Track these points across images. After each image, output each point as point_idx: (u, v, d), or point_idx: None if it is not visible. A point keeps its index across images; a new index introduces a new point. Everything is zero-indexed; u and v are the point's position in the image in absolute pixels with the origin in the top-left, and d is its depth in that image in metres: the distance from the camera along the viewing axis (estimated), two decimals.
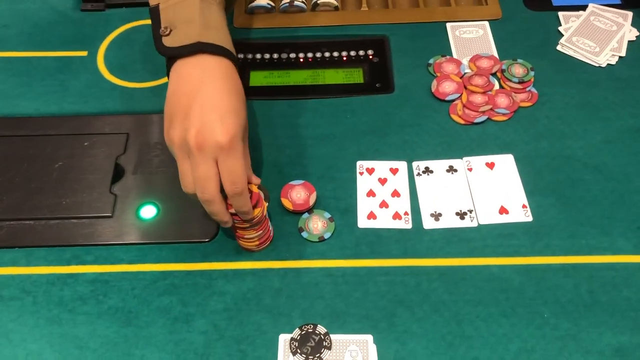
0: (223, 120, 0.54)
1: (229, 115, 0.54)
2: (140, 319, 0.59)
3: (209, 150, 0.53)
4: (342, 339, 0.57)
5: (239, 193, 0.55)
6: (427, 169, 0.69)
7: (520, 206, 0.66)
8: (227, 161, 0.54)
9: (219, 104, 0.55)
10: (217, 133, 0.53)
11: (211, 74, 0.56)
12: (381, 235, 0.65)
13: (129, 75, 0.79)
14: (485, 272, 0.62)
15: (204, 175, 0.54)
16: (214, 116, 0.54)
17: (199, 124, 0.53)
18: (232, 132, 0.54)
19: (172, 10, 0.60)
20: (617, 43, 0.81)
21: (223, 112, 0.54)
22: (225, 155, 0.54)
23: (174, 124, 0.55)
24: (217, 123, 0.53)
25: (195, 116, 0.54)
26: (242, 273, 0.62)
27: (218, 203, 0.56)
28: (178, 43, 0.58)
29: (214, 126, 0.53)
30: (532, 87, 0.76)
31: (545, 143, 0.71)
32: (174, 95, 0.56)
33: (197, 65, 0.57)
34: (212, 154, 0.54)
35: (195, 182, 0.55)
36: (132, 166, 0.70)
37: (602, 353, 0.56)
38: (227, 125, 0.54)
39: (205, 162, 0.54)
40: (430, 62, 0.79)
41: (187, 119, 0.54)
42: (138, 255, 0.64)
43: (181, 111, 0.55)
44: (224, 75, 0.57)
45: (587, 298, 0.60)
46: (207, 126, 0.53)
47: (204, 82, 0.56)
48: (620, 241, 0.63)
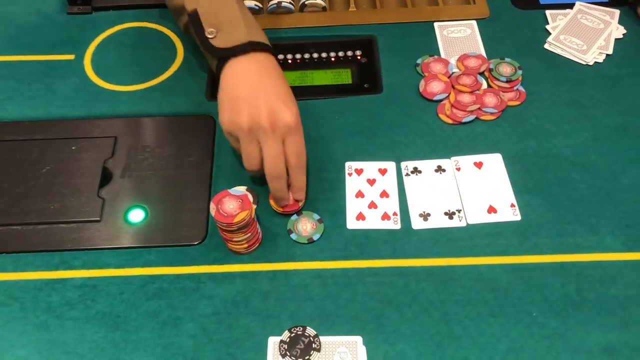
0: (287, 104, 0.62)
1: (289, 100, 0.63)
2: (129, 324, 0.59)
3: (280, 130, 0.61)
4: (332, 341, 0.57)
5: (302, 166, 0.64)
6: (415, 169, 0.69)
7: (509, 205, 0.66)
8: (295, 139, 0.62)
9: (280, 92, 0.62)
10: (286, 115, 0.61)
11: (267, 68, 0.64)
12: (370, 236, 0.65)
13: (116, 79, 0.79)
14: (473, 272, 0.62)
15: (275, 153, 0.61)
16: (279, 102, 0.61)
17: (269, 108, 0.61)
18: (296, 114, 0.62)
19: (213, 13, 0.66)
20: (604, 41, 0.81)
21: (285, 98, 0.62)
22: (293, 134, 0.62)
23: (239, 111, 0.61)
24: (284, 107, 0.61)
25: (263, 104, 0.61)
26: (231, 276, 0.62)
27: (285, 179, 0.63)
28: (230, 43, 0.64)
29: (282, 109, 0.61)
30: (519, 86, 0.76)
31: (533, 142, 0.71)
32: (235, 87, 0.62)
33: (252, 61, 0.64)
34: (282, 134, 0.61)
35: (269, 160, 0.62)
36: (120, 170, 0.70)
37: (590, 351, 0.56)
38: (291, 108, 0.62)
39: (276, 142, 0.61)
40: (418, 62, 0.79)
41: (255, 106, 0.61)
42: (126, 260, 0.63)
43: (246, 100, 0.61)
44: (274, 68, 0.65)
45: (575, 296, 0.60)
46: (276, 110, 0.61)
47: (262, 75, 0.63)
48: (608, 239, 0.64)
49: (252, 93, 0.61)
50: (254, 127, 0.61)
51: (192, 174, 0.69)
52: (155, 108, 0.76)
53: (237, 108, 0.61)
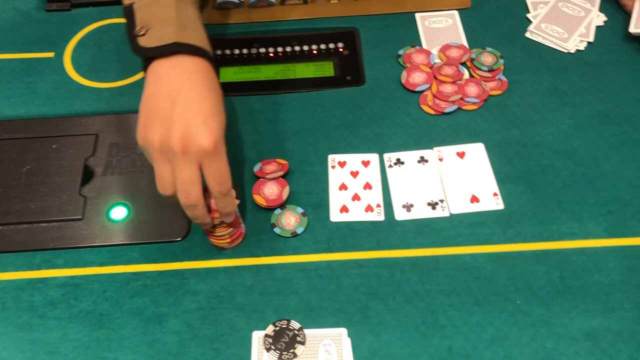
0: (206, 123, 0.53)
1: (211, 118, 0.54)
2: (113, 322, 0.59)
3: (193, 154, 0.53)
4: (316, 334, 0.57)
5: (225, 194, 0.56)
6: (398, 161, 0.69)
7: (492, 194, 0.66)
8: (212, 164, 0.54)
9: (200, 107, 0.54)
10: (202, 137, 0.52)
11: (189, 76, 0.55)
12: (354, 228, 0.65)
13: (96, 76, 0.78)
14: (457, 262, 0.62)
15: (188, 179, 0.54)
16: (197, 120, 0.53)
17: (182, 128, 0.52)
18: (216, 135, 0.53)
19: (148, 9, 0.59)
20: (585, 29, 0.81)
21: (205, 115, 0.54)
22: (211, 159, 0.54)
23: (152, 126, 0.54)
24: (201, 127, 0.53)
25: (178, 120, 0.53)
26: (215, 271, 0.62)
27: (202, 207, 0.56)
28: (154, 43, 0.56)
29: (198, 130, 0.53)
30: (501, 75, 0.76)
31: (516, 131, 0.72)
32: (152, 97, 0.55)
33: (175, 66, 0.56)
34: (196, 158, 0.53)
35: (179, 186, 0.54)
36: (102, 167, 0.69)
37: (574, 338, 0.57)
38: (210, 129, 0.53)
39: (189, 167, 0.53)
40: (400, 53, 0.79)
41: (169, 122, 0.53)
42: (109, 257, 0.63)
43: (160, 114, 0.54)
44: (203, 77, 0.56)
45: (558, 284, 0.60)
46: (192, 130, 0.53)
47: (183, 85, 0.55)
48: (591, 226, 0.64)
49: (167, 106, 0.53)
50: (165, 148, 0.53)
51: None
52: (137, 104, 0.74)
53: (150, 121, 0.54)
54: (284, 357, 0.55)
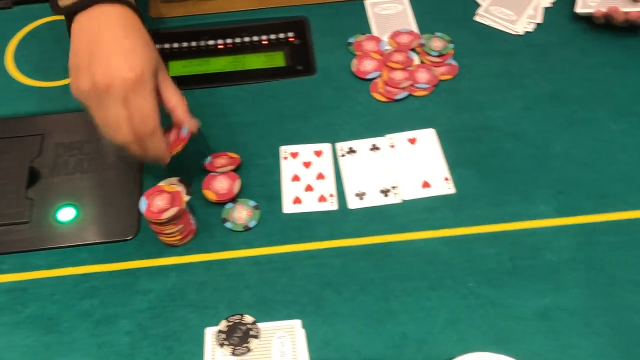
0: (127, 58, 0.54)
1: (132, 53, 0.54)
2: (62, 325, 0.57)
3: (117, 89, 0.53)
4: (270, 327, 0.57)
5: (150, 133, 0.55)
6: (350, 149, 0.69)
7: (443, 179, 0.66)
8: (136, 99, 0.54)
9: (120, 45, 0.55)
10: (123, 69, 0.53)
11: (108, 21, 0.56)
12: (307, 219, 0.64)
13: (41, 75, 0.76)
14: (411, 247, 0.62)
15: (114, 118, 0.54)
16: (117, 55, 0.54)
17: (103, 66, 0.53)
18: (137, 69, 0.54)
19: None
20: (534, 10, 0.81)
21: (126, 51, 0.54)
22: (134, 93, 0.53)
23: (79, 74, 0.54)
24: (121, 61, 0.53)
25: (99, 60, 0.54)
26: (166, 269, 0.61)
27: (135, 146, 0.56)
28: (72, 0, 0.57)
29: (118, 64, 0.53)
30: (451, 60, 0.76)
31: (466, 115, 0.72)
32: (75, 50, 0.56)
33: (94, 16, 0.56)
34: (121, 93, 0.53)
35: (108, 127, 0.55)
36: (48, 168, 0.68)
37: (525, 317, 0.57)
38: (130, 62, 0.54)
39: (115, 104, 0.53)
40: (350, 41, 0.79)
41: (91, 64, 0.54)
42: (57, 260, 0.62)
43: (84, 60, 0.54)
44: (122, 22, 0.57)
45: (509, 265, 0.60)
46: (112, 65, 0.53)
47: (100, 29, 0.55)
48: (541, 206, 0.64)
49: (89, 51, 0.54)
50: (92, 91, 0.53)
51: (123, 168, 0.68)
52: None
53: (77, 71, 0.55)
54: (237, 352, 0.55)
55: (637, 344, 0.55)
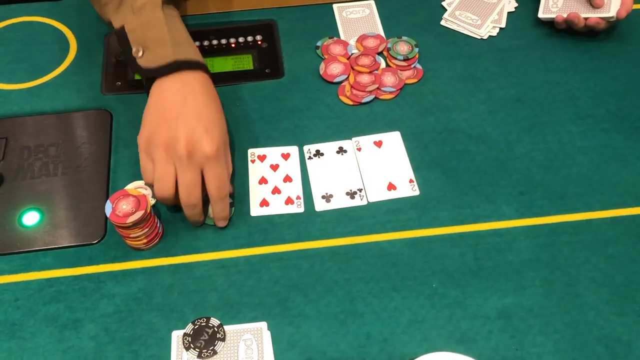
0: (208, 131, 0.59)
1: (212, 127, 0.60)
2: (25, 330, 0.57)
3: (196, 159, 0.59)
4: (237, 329, 0.57)
5: (223, 198, 0.61)
6: (317, 152, 0.70)
7: (408, 181, 0.67)
8: (213, 169, 0.59)
9: (202, 117, 0.60)
10: (205, 144, 0.58)
11: (192, 89, 0.61)
12: (274, 221, 0.65)
13: (4, 77, 0.75)
14: (376, 249, 0.63)
15: (190, 182, 0.59)
16: (200, 128, 0.59)
17: (187, 135, 0.58)
18: (217, 143, 0.59)
19: (140, 31, 0.63)
20: (498, 15, 0.83)
21: (207, 124, 0.60)
22: (212, 164, 0.59)
23: (159, 129, 0.59)
24: (204, 135, 0.59)
25: (183, 127, 0.59)
26: (132, 273, 0.61)
27: (200, 207, 0.61)
28: (155, 64, 0.62)
29: (202, 138, 0.59)
30: (417, 64, 0.77)
31: (431, 118, 0.73)
32: (158, 105, 0.61)
33: (177, 80, 0.62)
34: (199, 163, 0.59)
35: (183, 187, 0.59)
36: (13, 172, 0.67)
37: (487, 317, 0.59)
38: (212, 137, 0.59)
39: (192, 170, 0.59)
40: (318, 45, 0.79)
41: (175, 128, 0.59)
42: (21, 265, 0.61)
43: (167, 119, 0.59)
44: (203, 89, 0.62)
45: (472, 265, 0.62)
46: (195, 137, 0.58)
47: (186, 97, 0.61)
48: (504, 207, 0.66)
49: (174, 116, 0.59)
50: (170, 152, 0.59)
51: (89, 171, 0.67)
52: (47, 105, 0.73)
53: (157, 126, 0.60)
54: (204, 355, 0.55)
55: (594, 342, 0.57)
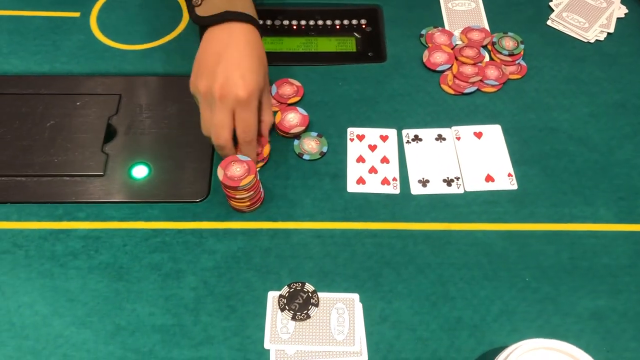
0: (244, 77, 0.61)
1: (249, 74, 0.62)
2: (132, 275, 0.60)
3: (228, 102, 0.61)
4: (329, 297, 0.59)
5: (249, 142, 0.64)
6: (416, 137, 0.71)
7: (506, 175, 0.67)
8: (242, 113, 0.62)
9: (241, 64, 0.62)
10: (238, 88, 0.61)
11: (236, 38, 0.64)
12: (370, 199, 0.66)
13: (121, 37, 0.79)
14: (469, 237, 0.63)
15: (220, 123, 0.62)
16: (236, 74, 0.61)
17: (223, 79, 0.61)
18: (250, 89, 0.61)
19: None
20: (606, 20, 0.82)
21: (244, 71, 0.62)
22: (242, 108, 0.62)
23: (201, 76, 0.63)
24: (239, 79, 0.61)
25: (221, 72, 0.61)
26: (233, 232, 0.63)
27: (229, 149, 0.64)
28: (209, 12, 0.65)
29: (235, 82, 0.61)
30: (521, 60, 0.77)
31: (532, 115, 0.73)
32: (204, 54, 0.64)
33: (225, 30, 0.64)
34: (230, 105, 0.61)
35: (212, 128, 0.63)
36: (124, 127, 0.71)
37: (579, 316, 0.58)
38: (246, 82, 0.61)
39: (223, 112, 0.62)
40: (422, 33, 0.80)
41: (214, 73, 0.62)
42: (129, 213, 0.64)
43: (208, 67, 0.63)
44: (247, 40, 0.64)
45: (567, 264, 0.61)
46: (230, 81, 0.61)
47: (229, 45, 0.63)
48: (602, 210, 0.65)
49: (215, 61, 0.62)
50: (208, 95, 0.62)
51: (195, 133, 0.70)
52: (159, 68, 0.76)
53: (199, 73, 0.63)
54: (298, 318, 0.57)
55: None
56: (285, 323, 0.57)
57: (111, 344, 0.56)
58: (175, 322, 0.57)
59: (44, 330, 0.57)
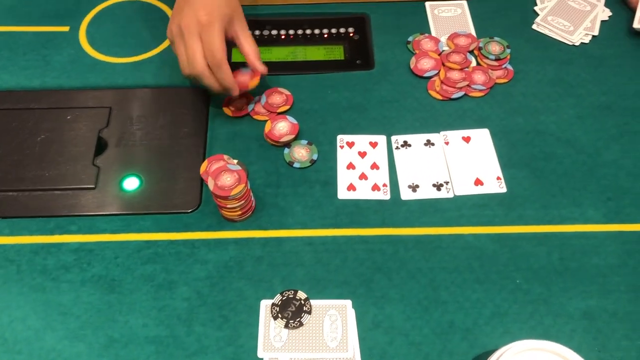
0: (205, 6, 0.67)
1: (212, 5, 0.67)
2: (124, 287, 0.60)
3: (192, 29, 0.66)
4: (322, 304, 0.59)
5: (217, 65, 0.67)
6: (405, 143, 0.71)
7: (495, 178, 0.68)
8: (205, 36, 0.66)
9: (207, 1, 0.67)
10: (199, 14, 0.66)
11: None
12: (360, 205, 0.66)
13: (110, 50, 0.80)
14: (460, 241, 0.64)
15: (191, 52, 0.66)
16: (198, 4, 0.67)
17: (188, 13, 0.67)
18: (209, 10, 0.66)
19: None
20: (591, 22, 0.83)
21: (206, 4, 0.67)
22: (205, 31, 0.66)
23: (172, 19, 0.69)
24: (200, 7, 0.66)
25: (187, 8, 0.67)
26: (225, 242, 0.63)
27: (207, 76, 0.68)
28: None
29: (197, 11, 0.66)
30: (508, 65, 0.78)
31: (520, 118, 0.73)
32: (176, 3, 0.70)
33: None
34: (195, 31, 0.66)
35: (188, 61, 0.67)
36: (115, 139, 0.71)
37: (570, 316, 0.59)
38: (206, 7, 0.66)
39: (191, 39, 0.66)
40: (409, 40, 0.81)
41: (181, 12, 0.68)
42: (121, 226, 0.64)
43: (178, 9, 0.69)
44: None
45: (558, 265, 0.62)
46: (192, 12, 0.67)
47: None
48: (590, 211, 0.66)
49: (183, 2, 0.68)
50: (178, 31, 0.67)
51: (186, 144, 0.71)
52: (150, 79, 0.77)
53: (172, 18, 0.69)
54: (291, 325, 0.57)
55: None
56: (278, 331, 0.57)
57: (105, 357, 0.56)
58: (168, 333, 0.57)
59: (36, 344, 0.57)
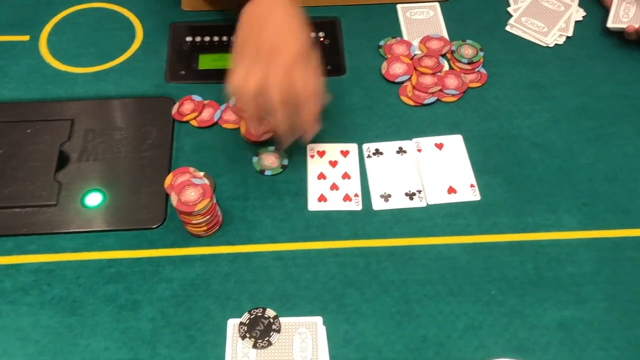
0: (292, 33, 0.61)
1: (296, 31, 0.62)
2: (86, 308, 0.58)
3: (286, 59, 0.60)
4: (292, 322, 0.57)
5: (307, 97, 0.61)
6: (377, 151, 0.69)
7: (468, 186, 0.66)
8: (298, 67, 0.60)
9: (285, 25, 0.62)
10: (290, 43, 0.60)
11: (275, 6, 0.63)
12: (331, 217, 0.65)
13: (72, 60, 0.77)
14: (433, 252, 0.62)
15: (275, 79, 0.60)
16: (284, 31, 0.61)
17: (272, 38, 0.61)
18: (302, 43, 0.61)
19: None
20: (565, 23, 0.82)
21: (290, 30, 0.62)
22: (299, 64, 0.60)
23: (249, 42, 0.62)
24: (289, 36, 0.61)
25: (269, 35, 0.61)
26: (190, 259, 0.61)
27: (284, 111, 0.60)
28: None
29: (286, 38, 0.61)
30: (481, 68, 0.76)
31: (494, 123, 0.72)
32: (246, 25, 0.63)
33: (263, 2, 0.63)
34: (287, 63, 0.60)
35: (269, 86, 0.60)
36: (77, 153, 0.69)
37: (546, 327, 0.57)
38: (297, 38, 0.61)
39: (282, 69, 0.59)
40: (380, 44, 0.79)
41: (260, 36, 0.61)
42: (83, 244, 0.62)
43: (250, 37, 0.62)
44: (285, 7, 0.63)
45: (532, 274, 0.61)
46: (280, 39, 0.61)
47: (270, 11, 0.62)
48: (565, 218, 0.65)
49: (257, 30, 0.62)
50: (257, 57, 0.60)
51: (151, 156, 0.68)
52: (113, 90, 0.74)
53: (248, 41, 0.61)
54: (259, 345, 0.55)
55: None
56: (246, 352, 0.55)
57: None
58: (132, 357, 0.55)
59: None
